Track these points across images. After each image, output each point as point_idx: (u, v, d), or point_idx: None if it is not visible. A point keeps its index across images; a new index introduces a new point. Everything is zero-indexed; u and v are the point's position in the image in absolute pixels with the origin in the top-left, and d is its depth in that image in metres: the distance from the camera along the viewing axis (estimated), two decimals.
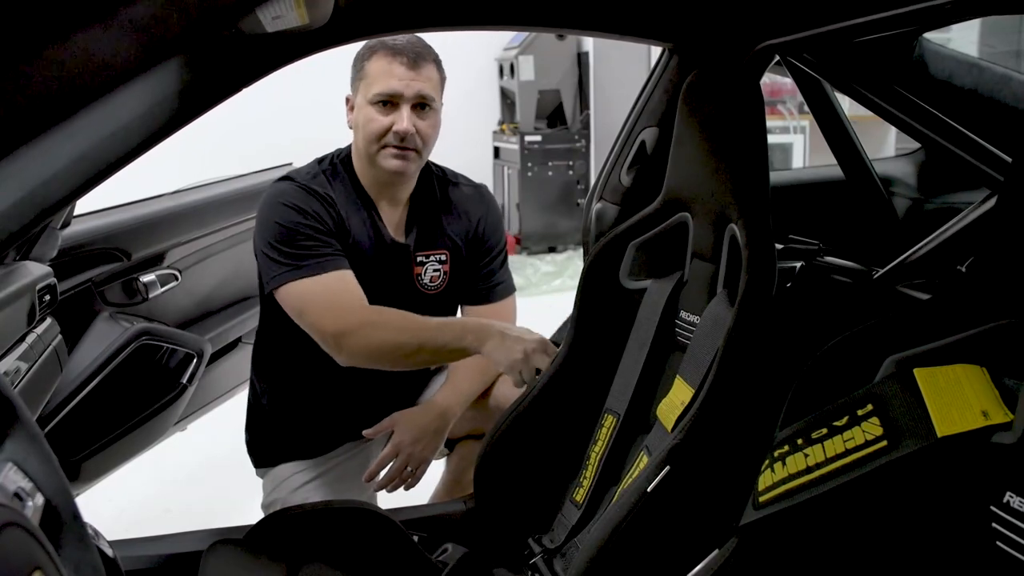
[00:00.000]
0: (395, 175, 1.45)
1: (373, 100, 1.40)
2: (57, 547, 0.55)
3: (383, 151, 1.42)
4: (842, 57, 1.25)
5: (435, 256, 1.54)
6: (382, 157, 1.42)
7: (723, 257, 1.16)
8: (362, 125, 1.43)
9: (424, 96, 1.41)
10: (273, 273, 1.39)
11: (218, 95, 0.94)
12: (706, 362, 1.10)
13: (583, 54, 5.27)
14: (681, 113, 1.21)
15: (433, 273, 1.54)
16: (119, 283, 1.85)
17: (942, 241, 1.19)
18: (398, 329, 1.35)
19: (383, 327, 1.35)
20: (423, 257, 1.54)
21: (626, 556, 1.01)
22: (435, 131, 1.46)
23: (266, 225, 1.41)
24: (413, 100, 1.40)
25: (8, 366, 1.24)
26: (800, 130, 4.19)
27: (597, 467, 1.30)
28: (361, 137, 1.44)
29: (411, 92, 1.40)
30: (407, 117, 1.40)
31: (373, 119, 1.41)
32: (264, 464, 1.61)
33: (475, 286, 1.61)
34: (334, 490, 1.56)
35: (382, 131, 1.41)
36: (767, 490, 0.82)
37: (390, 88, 1.39)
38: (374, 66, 1.41)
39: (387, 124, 1.40)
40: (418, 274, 1.54)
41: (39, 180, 0.77)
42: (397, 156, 1.42)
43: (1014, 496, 0.65)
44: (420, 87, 1.40)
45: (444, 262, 1.55)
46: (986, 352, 0.71)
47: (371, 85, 1.41)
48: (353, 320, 1.35)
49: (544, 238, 5.41)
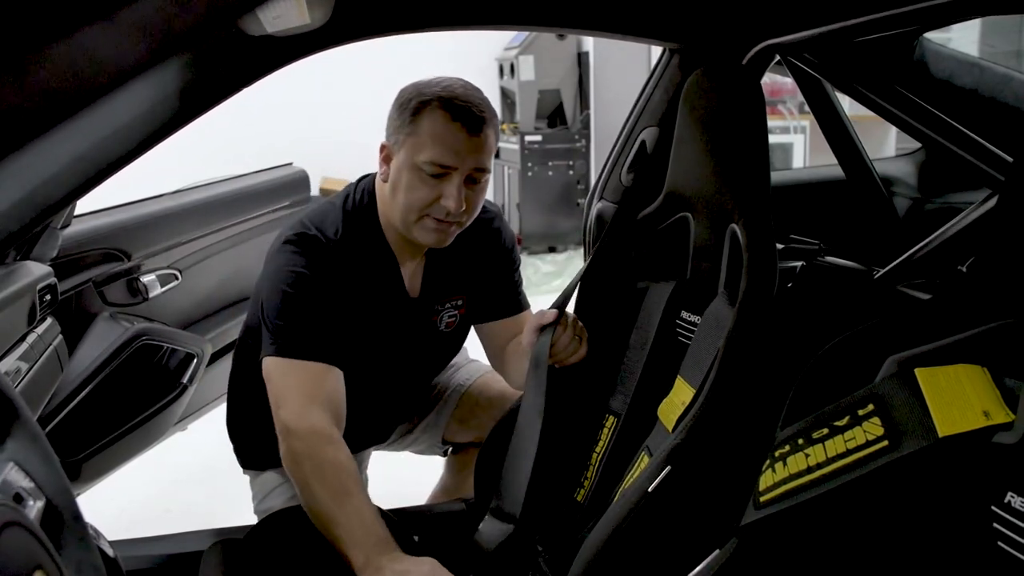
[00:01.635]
0: (431, 245, 1.32)
1: (424, 166, 1.22)
2: (58, 547, 0.55)
3: (423, 220, 1.27)
4: (843, 57, 1.25)
5: (452, 303, 1.48)
6: (420, 228, 1.27)
7: (724, 257, 1.16)
8: (404, 189, 1.25)
9: (481, 168, 1.25)
10: (266, 340, 1.29)
11: (219, 94, 0.94)
12: (707, 362, 1.10)
13: (583, 54, 5.26)
14: (682, 113, 1.21)
15: (449, 319, 1.49)
16: (119, 283, 1.85)
17: (943, 241, 1.19)
18: (320, 484, 1.18)
19: (313, 468, 1.19)
20: (439, 307, 1.47)
21: (627, 556, 1.01)
22: (482, 201, 1.32)
23: (273, 289, 1.29)
24: (468, 173, 1.24)
25: (9, 366, 1.24)
26: (800, 130, 4.19)
27: (598, 467, 1.30)
28: (401, 202, 1.27)
29: (468, 166, 1.23)
30: (458, 193, 1.23)
31: (418, 188, 1.24)
32: (251, 467, 1.56)
33: (494, 307, 1.54)
34: None
35: (428, 203, 1.24)
36: (768, 490, 0.82)
37: (448, 160, 1.22)
38: (429, 125, 1.22)
39: (433, 196, 1.24)
40: (435, 321, 1.48)
41: (39, 180, 0.77)
42: (438, 231, 1.27)
43: (1015, 496, 0.65)
44: (479, 159, 1.24)
45: (460, 307, 1.49)
46: (987, 352, 0.71)
47: (422, 147, 1.22)
48: (302, 428, 1.21)
49: (544, 238, 5.40)
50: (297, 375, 1.24)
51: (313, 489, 1.18)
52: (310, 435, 1.21)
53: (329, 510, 1.16)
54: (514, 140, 5.32)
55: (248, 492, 1.58)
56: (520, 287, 1.57)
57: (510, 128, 5.49)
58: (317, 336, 1.26)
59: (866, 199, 1.48)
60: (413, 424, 1.70)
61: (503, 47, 5.46)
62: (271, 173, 2.23)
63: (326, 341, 1.26)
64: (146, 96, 0.85)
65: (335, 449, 1.21)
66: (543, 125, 5.39)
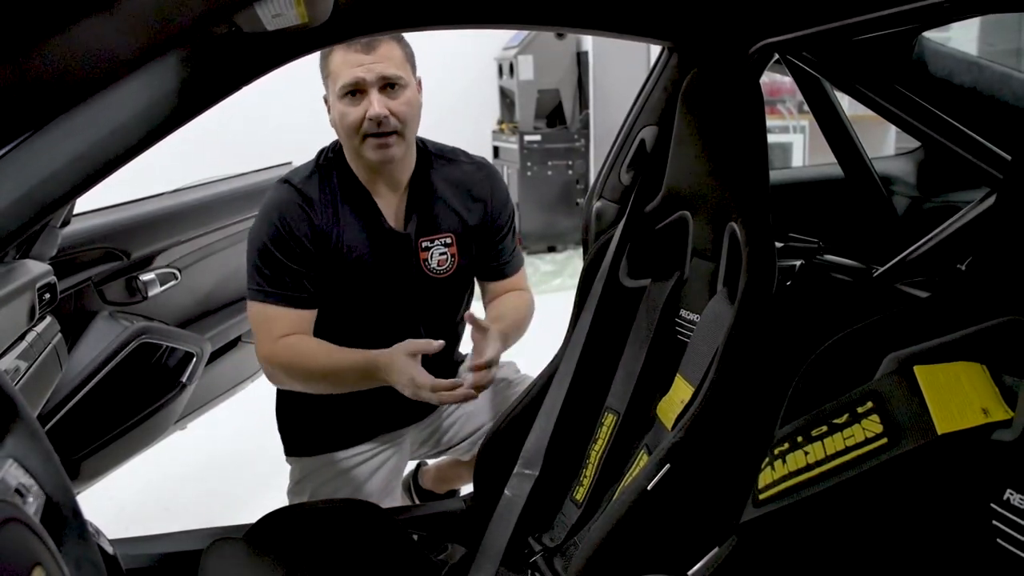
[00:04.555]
0: (382, 164, 1.44)
1: (341, 94, 1.40)
2: (58, 543, 0.55)
3: (365, 142, 1.41)
4: (842, 56, 1.25)
5: (440, 240, 1.53)
6: (365, 148, 1.42)
7: (723, 255, 1.16)
8: (339, 121, 1.43)
9: (388, 76, 1.39)
10: (248, 286, 1.47)
11: (218, 93, 0.94)
12: (706, 360, 1.10)
13: (582, 53, 5.26)
14: (681, 112, 1.21)
15: (440, 257, 1.53)
16: (119, 282, 1.85)
17: (942, 239, 1.19)
18: (306, 358, 1.43)
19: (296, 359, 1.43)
20: (427, 243, 1.52)
21: (626, 554, 1.01)
22: (411, 108, 1.44)
23: (254, 238, 1.46)
24: (378, 83, 1.39)
25: (8, 364, 1.24)
26: (800, 129, 4.19)
27: (597, 465, 1.30)
28: (342, 133, 1.44)
29: (373, 76, 1.38)
30: (376, 101, 1.38)
31: (346, 112, 1.40)
32: (293, 453, 1.63)
33: (488, 264, 1.61)
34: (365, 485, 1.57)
35: (357, 122, 1.40)
36: (767, 488, 0.82)
37: (353, 77, 1.38)
38: (335, 60, 1.40)
39: (360, 114, 1.39)
40: (424, 260, 1.52)
41: (39, 178, 0.77)
42: (379, 145, 1.41)
43: (1014, 493, 0.65)
44: (381, 68, 1.38)
45: (450, 245, 1.54)
46: (986, 349, 0.71)
47: (336, 80, 1.40)
48: (273, 360, 1.45)
49: (544, 237, 5.40)
50: (269, 318, 1.44)
51: (304, 366, 1.41)
52: (281, 359, 1.43)
53: (325, 364, 1.40)
54: (513, 140, 5.32)
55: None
56: (512, 252, 1.64)
57: (509, 128, 5.49)
58: (287, 283, 1.43)
59: (865, 198, 1.48)
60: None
61: (502, 47, 5.45)
62: (271, 172, 2.23)
63: (297, 287, 1.43)
64: (145, 94, 0.85)
65: (299, 339, 1.43)
66: (542, 125, 5.39)
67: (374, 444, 1.60)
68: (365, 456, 1.59)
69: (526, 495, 1.26)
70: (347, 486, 1.57)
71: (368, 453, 1.59)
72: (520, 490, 1.27)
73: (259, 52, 0.97)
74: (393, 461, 1.62)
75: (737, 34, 1.28)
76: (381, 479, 1.59)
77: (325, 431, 1.59)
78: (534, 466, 1.28)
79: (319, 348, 1.43)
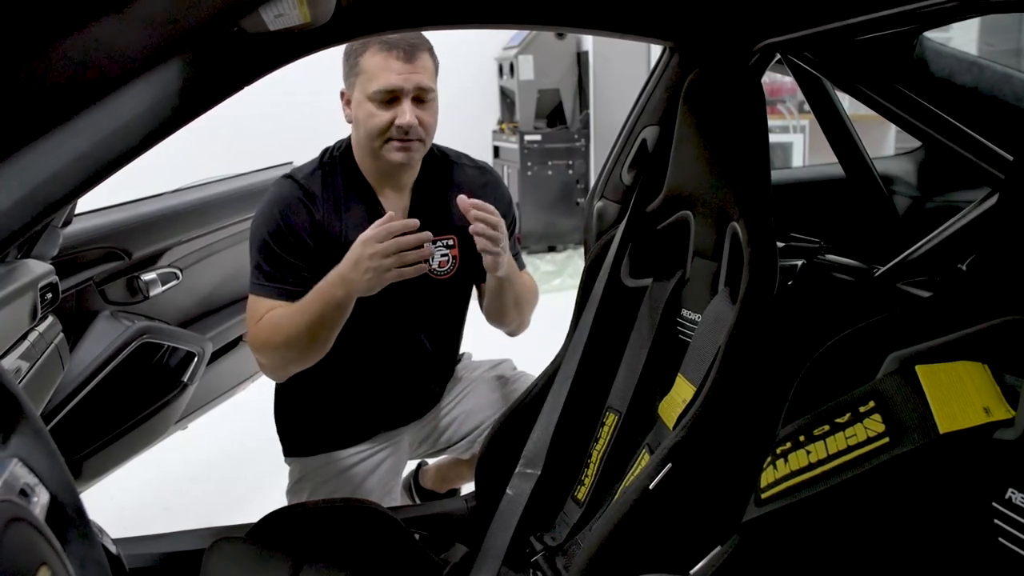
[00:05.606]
0: (400, 167, 1.47)
1: (374, 96, 1.41)
2: (63, 542, 0.55)
3: (387, 145, 1.43)
4: (843, 55, 1.25)
5: (442, 241, 1.54)
6: (387, 151, 1.44)
7: (725, 255, 1.16)
8: (363, 121, 1.44)
9: (423, 87, 1.42)
10: (250, 279, 1.48)
11: (220, 93, 0.94)
12: (708, 360, 1.10)
13: (583, 53, 5.26)
14: (682, 112, 1.21)
15: (441, 259, 1.55)
16: (120, 281, 1.85)
17: (943, 239, 1.19)
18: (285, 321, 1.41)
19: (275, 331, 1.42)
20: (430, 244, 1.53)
21: (628, 554, 1.01)
22: (435, 119, 1.47)
23: (255, 232, 1.47)
24: (413, 93, 1.41)
25: (10, 364, 1.24)
26: (800, 129, 4.19)
27: (599, 465, 1.31)
28: (363, 133, 1.45)
29: (410, 85, 1.40)
30: (409, 111, 1.41)
31: (374, 115, 1.41)
32: (292, 454, 1.63)
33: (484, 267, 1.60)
34: (363, 484, 1.58)
35: (385, 126, 1.42)
36: (769, 487, 0.82)
37: (390, 84, 1.39)
38: (370, 61, 1.41)
39: (389, 119, 1.41)
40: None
41: (41, 178, 0.77)
42: (402, 149, 1.43)
43: (1016, 492, 0.65)
44: (419, 79, 1.41)
45: (452, 247, 1.55)
46: (988, 349, 0.72)
47: (369, 81, 1.41)
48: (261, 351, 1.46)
49: (544, 237, 5.40)
50: (260, 308, 1.44)
51: (283, 330, 1.39)
52: (262, 336, 1.43)
53: (296, 315, 1.38)
54: (513, 139, 5.32)
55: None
56: (514, 256, 1.60)
57: (509, 128, 5.49)
58: (284, 276, 1.44)
59: (866, 197, 1.48)
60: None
61: (502, 46, 5.45)
62: (272, 172, 2.23)
63: (295, 281, 1.43)
64: (147, 94, 0.85)
65: (272, 312, 1.42)
66: (542, 124, 5.39)
67: (372, 443, 1.60)
68: (364, 455, 1.59)
69: (528, 494, 1.26)
70: (346, 485, 1.57)
71: (367, 452, 1.60)
72: (522, 489, 1.27)
73: (261, 52, 0.97)
74: (392, 460, 1.62)
75: (738, 34, 1.28)
76: (380, 478, 1.59)
77: (323, 431, 1.59)
78: (536, 465, 1.29)
79: (289, 307, 1.43)
